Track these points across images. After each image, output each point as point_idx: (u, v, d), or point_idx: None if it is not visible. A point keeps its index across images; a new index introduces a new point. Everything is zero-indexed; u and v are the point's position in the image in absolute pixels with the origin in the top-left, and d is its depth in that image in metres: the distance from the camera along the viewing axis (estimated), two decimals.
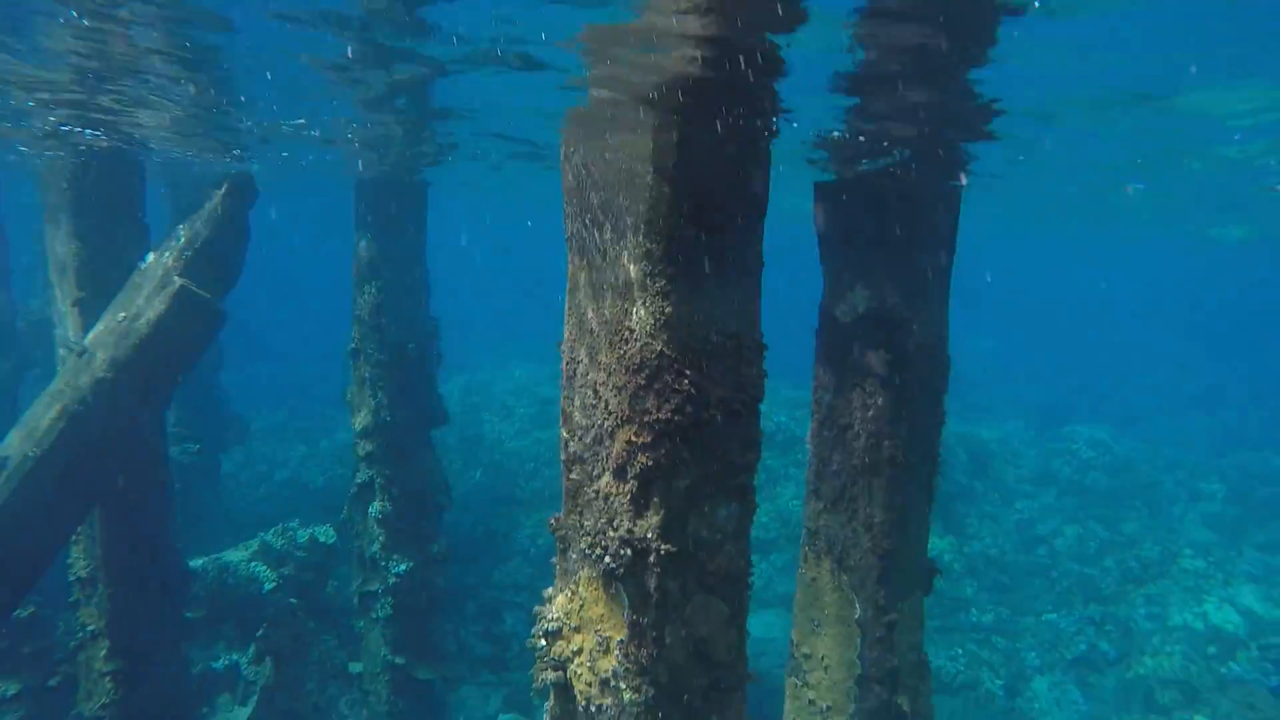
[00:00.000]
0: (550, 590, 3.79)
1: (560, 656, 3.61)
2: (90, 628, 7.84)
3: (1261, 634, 15.52)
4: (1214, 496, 21.63)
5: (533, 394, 24.88)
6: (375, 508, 9.46)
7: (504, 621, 14.38)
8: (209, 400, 14.59)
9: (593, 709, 3.50)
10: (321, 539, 11.97)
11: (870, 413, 5.14)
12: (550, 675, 3.64)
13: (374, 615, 9.86)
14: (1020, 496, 21.44)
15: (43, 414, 6.49)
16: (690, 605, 3.42)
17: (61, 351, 7.07)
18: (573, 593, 3.56)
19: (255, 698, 9.49)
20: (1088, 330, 44.86)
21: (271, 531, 12.08)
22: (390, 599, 9.64)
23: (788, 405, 21.28)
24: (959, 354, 5.75)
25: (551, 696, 3.80)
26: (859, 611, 5.42)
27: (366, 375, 9.47)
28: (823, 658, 5.66)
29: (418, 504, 9.55)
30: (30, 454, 6.31)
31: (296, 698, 8.33)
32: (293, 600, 9.07)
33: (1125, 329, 46.25)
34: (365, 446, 9.49)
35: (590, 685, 3.48)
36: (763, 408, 3.65)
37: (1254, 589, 17.05)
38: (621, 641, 3.34)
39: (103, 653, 7.80)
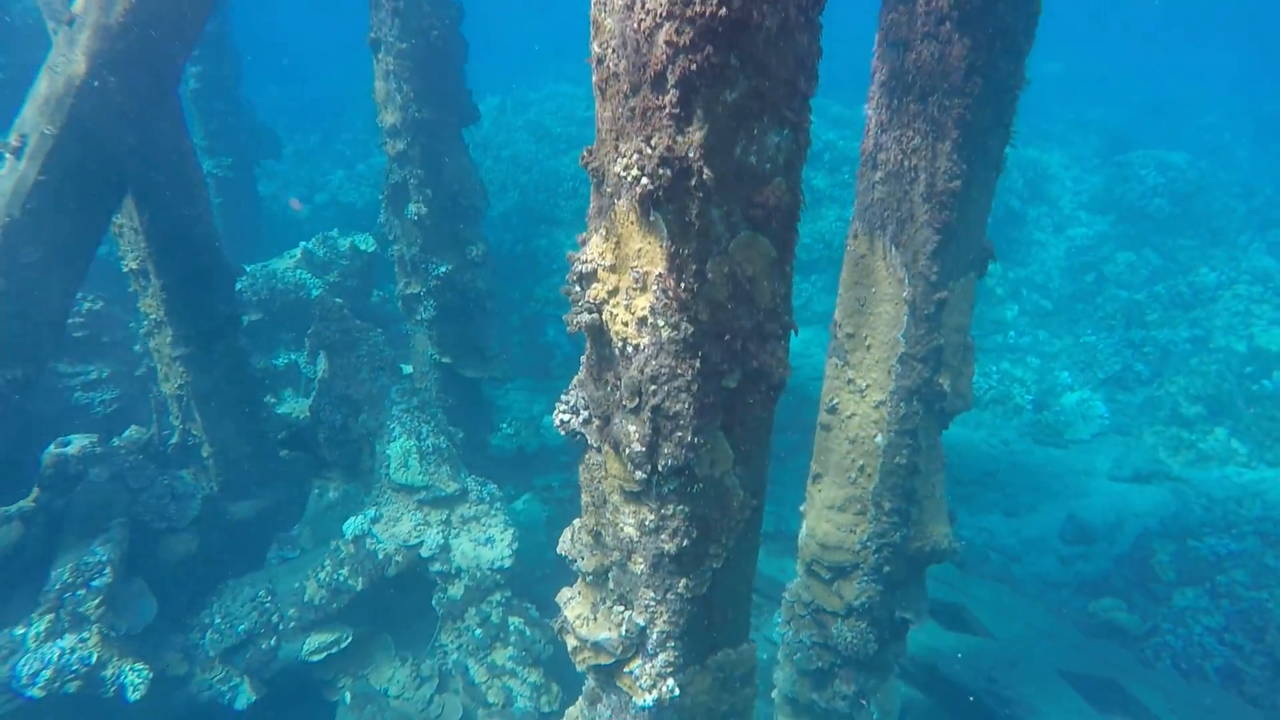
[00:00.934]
0: (584, 235, 3.58)
1: (595, 300, 3.48)
2: (152, 316, 8.17)
3: None
4: None
5: (569, 113, 23.73)
6: (411, 209, 9.28)
7: (546, 333, 14.86)
8: (234, 112, 14.10)
9: (629, 350, 3.42)
10: (362, 246, 12.07)
11: (942, 67, 4.56)
12: (585, 318, 3.53)
13: (418, 317, 10.10)
14: (1075, 224, 20.57)
15: (49, 89, 6.16)
16: (735, 240, 3.19)
17: (50, 24, 6.56)
18: (607, 231, 3.35)
19: (315, 390, 10.08)
20: (1163, 50, 40.57)
21: (313, 240, 12.18)
22: (433, 301, 9.79)
23: (836, 124, 20.07)
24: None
25: (587, 343, 3.74)
26: (908, 289, 5.23)
27: (390, 67, 8.83)
28: (865, 337, 5.58)
29: (454, 205, 9.35)
30: (47, 131, 6.08)
31: (351, 385, 8.79)
32: (338, 300, 9.29)
33: (1205, 48, 41.70)
34: (396, 145, 9.11)
35: (626, 325, 3.38)
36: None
37: None
38: (660, 275, 3.17)
39: (169, 339, 8.18)
